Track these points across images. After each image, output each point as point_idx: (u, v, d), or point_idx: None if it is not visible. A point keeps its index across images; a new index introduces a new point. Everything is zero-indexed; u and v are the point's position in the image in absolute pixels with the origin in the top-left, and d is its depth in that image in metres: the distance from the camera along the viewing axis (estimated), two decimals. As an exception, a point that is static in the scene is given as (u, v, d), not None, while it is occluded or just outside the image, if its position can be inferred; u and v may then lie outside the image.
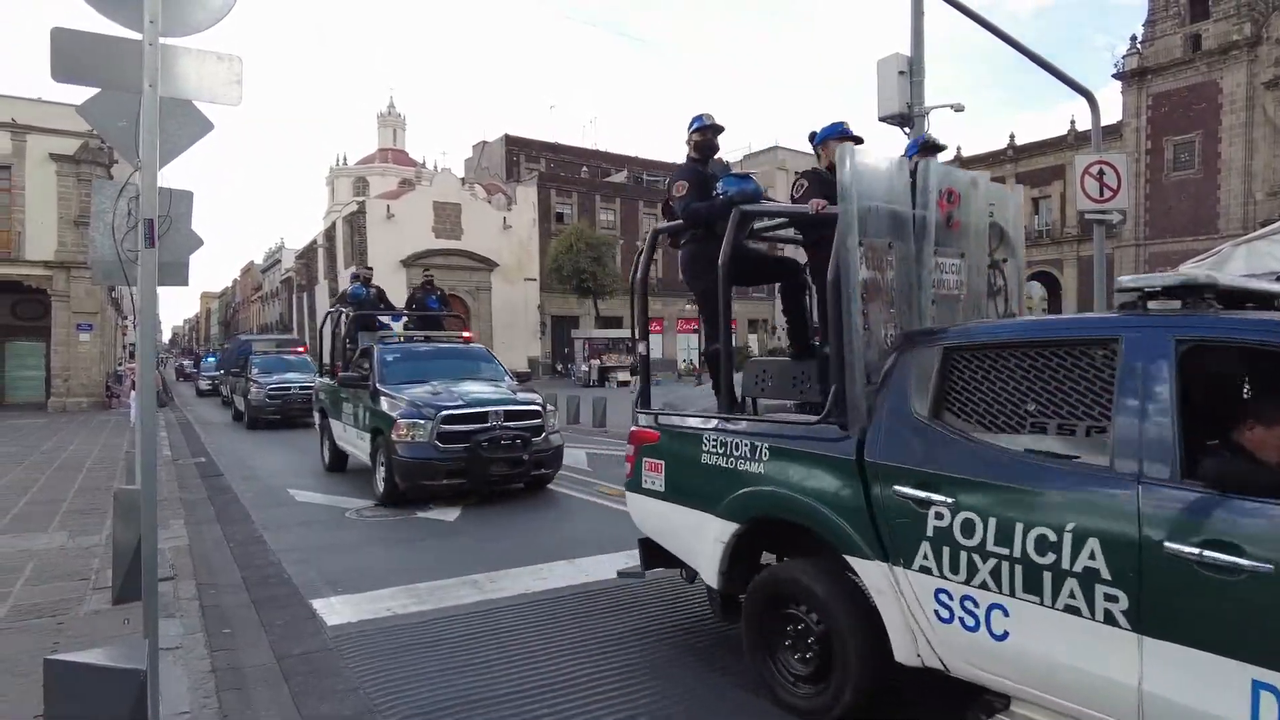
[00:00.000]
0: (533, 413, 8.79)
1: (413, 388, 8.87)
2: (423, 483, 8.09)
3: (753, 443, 3.63)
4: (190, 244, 4.19)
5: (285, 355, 21.48)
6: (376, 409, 8.74)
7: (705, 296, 4.43)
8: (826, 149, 4.34)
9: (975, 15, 10.08)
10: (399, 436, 8.11)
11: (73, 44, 2.87)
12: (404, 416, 8.22)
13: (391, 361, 9.54)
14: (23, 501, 8.59)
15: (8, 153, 23.64)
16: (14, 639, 4.31)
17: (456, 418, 8.28)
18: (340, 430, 10.31)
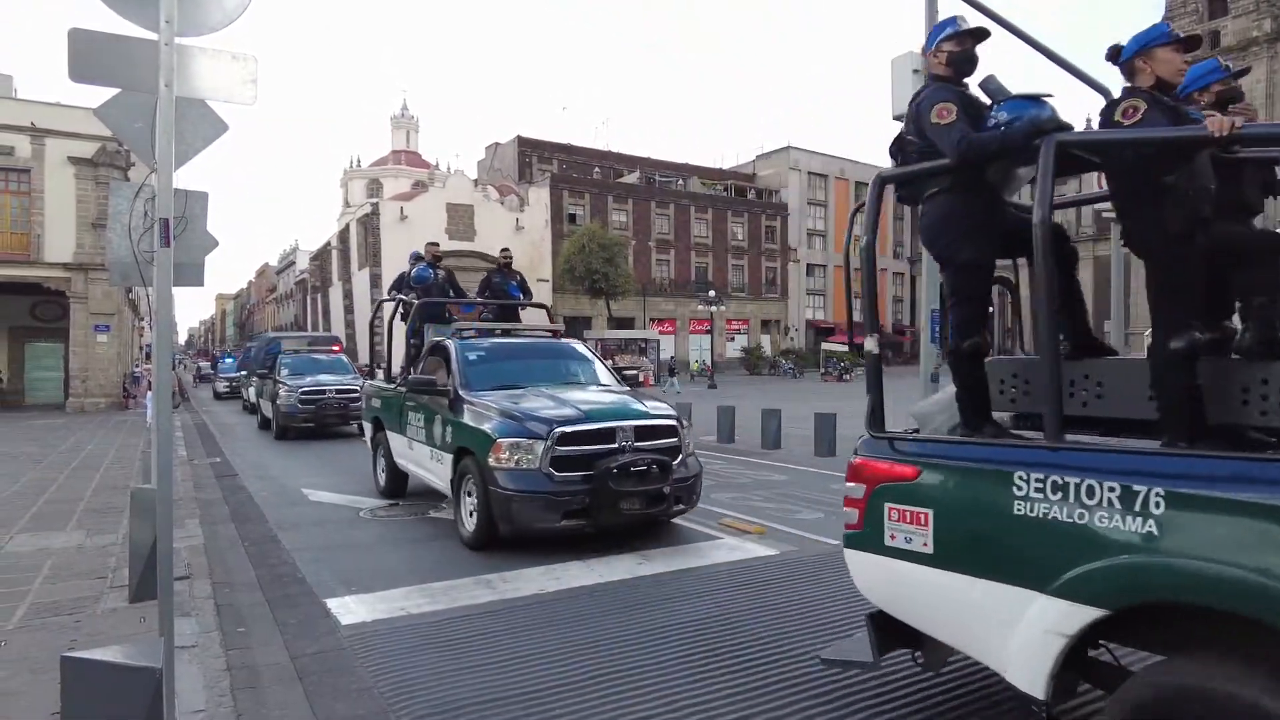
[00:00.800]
0: (669, 429, 6.71)
1: (508, 396, 6.90)
2: (534, 525, 6.08)
3: (1128, 486, 2.36)
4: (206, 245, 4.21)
5: (318, 355, 19.41)
6: (460, 422, 6.77)
7: (965, 272, 3.27)
8: (1153, 60, 2.98)
9: (991, 12, 10.01)
10: (499, 461, 6.09)
11: (90, 45, 2.88)
12: (505, 434, 6.16)
13: (475, 361, 7.53)
14: (41, 500, 8.67)
15: (27, 156, 23.92)
16: (32, 637, 4.34)
17: (575, 436, 6.21)
18: (402, 446, 8.34)
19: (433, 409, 7.41)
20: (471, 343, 7.96)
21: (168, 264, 3.11)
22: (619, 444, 6.29)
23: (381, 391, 9.35)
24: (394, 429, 8.60)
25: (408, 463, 8.33)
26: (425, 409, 7.63)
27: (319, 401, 15.88)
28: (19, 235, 24.07)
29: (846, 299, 6.08)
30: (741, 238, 57.82)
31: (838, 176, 63.75)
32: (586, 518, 6.07)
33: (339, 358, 19.39)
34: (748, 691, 3.65)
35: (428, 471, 7.65)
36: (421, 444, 7.72)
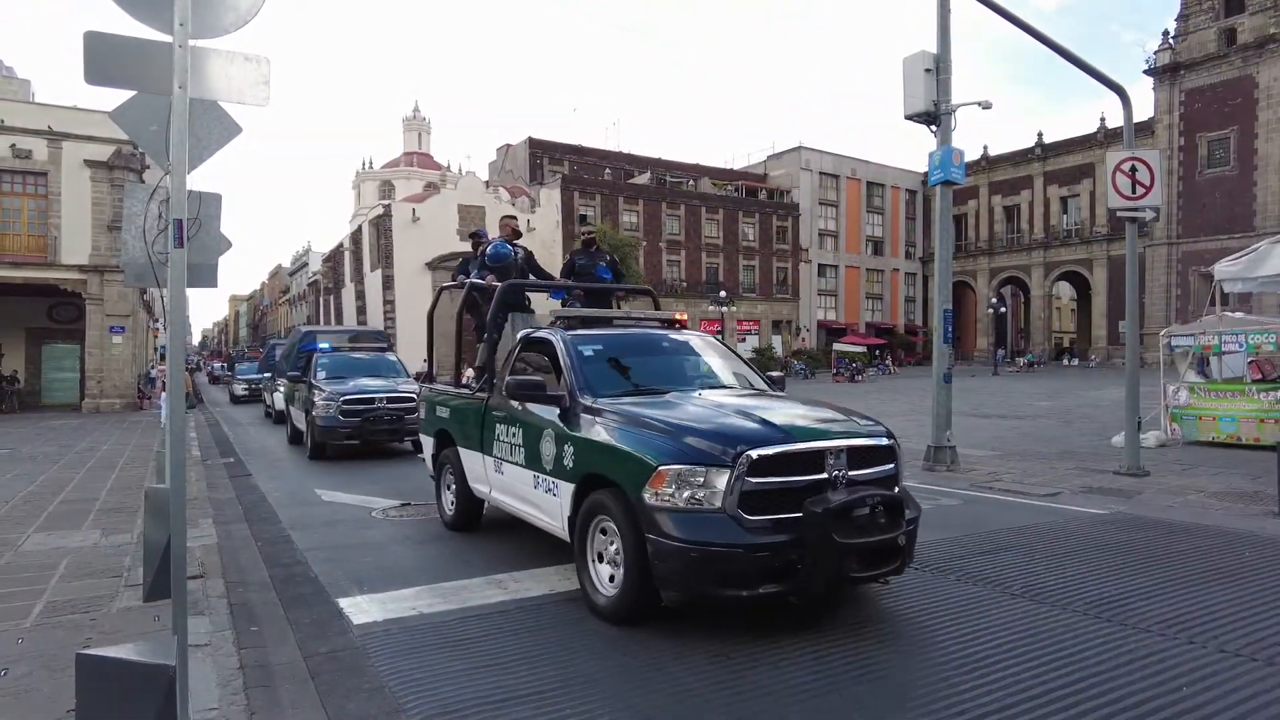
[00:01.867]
0: (886, 451, 4.88)
1: (651, 403, 5.12)
2: (718, 591, 4.27)
3: None
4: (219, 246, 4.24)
5: (362, 353, 15.96)
6: (587, 440, 4.97)
7: None
8: None
9: (1005, 11, 9.95)
10: (660, 498, 4.27)
11: (105, 47, 2.91)
12: (671, 458, 4.31)
13: (593, 358, 5.75)
14: (57, 500, 8.76)
15: (44, 159, 24.18)
16: (48, 634, 4.38)
17: (774, 463, 4.31)
18: (483, 468, 6.57)
19: (537, 421, 5.57)
20: (585, 334, 6.09)
21: (182, 265, 3.13)
22: (830, 473, 4.43)
23: (449, 399, 7.54)
24: (469, 445, 6.87)
25: (495, 491, 6.48)
26: (524, 421, 5.80)
27: (367, 412, 12.60)
28: (36, 237, 24.35)
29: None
30: (752, 238, 57.74)
31: (849, 176, 63.54)
32: (793, 582, 4.20)
33: (388, 357, 16.05)
34: (759, 689, 3.63)
35: (529, 505, 5.78)
36: (518, 467, 5.86)
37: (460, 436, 7.11)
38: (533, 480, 5.61)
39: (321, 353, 15.05)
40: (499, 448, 6.23)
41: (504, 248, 8.30)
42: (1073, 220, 57.27)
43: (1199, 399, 12.66)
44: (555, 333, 6.12)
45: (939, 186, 10.60)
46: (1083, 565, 5.73)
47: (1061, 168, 57.09)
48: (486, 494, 6.69)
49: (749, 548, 4.12)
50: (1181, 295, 46.33)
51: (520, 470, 5.84)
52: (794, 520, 4.20)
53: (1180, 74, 47.07)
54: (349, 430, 12.54)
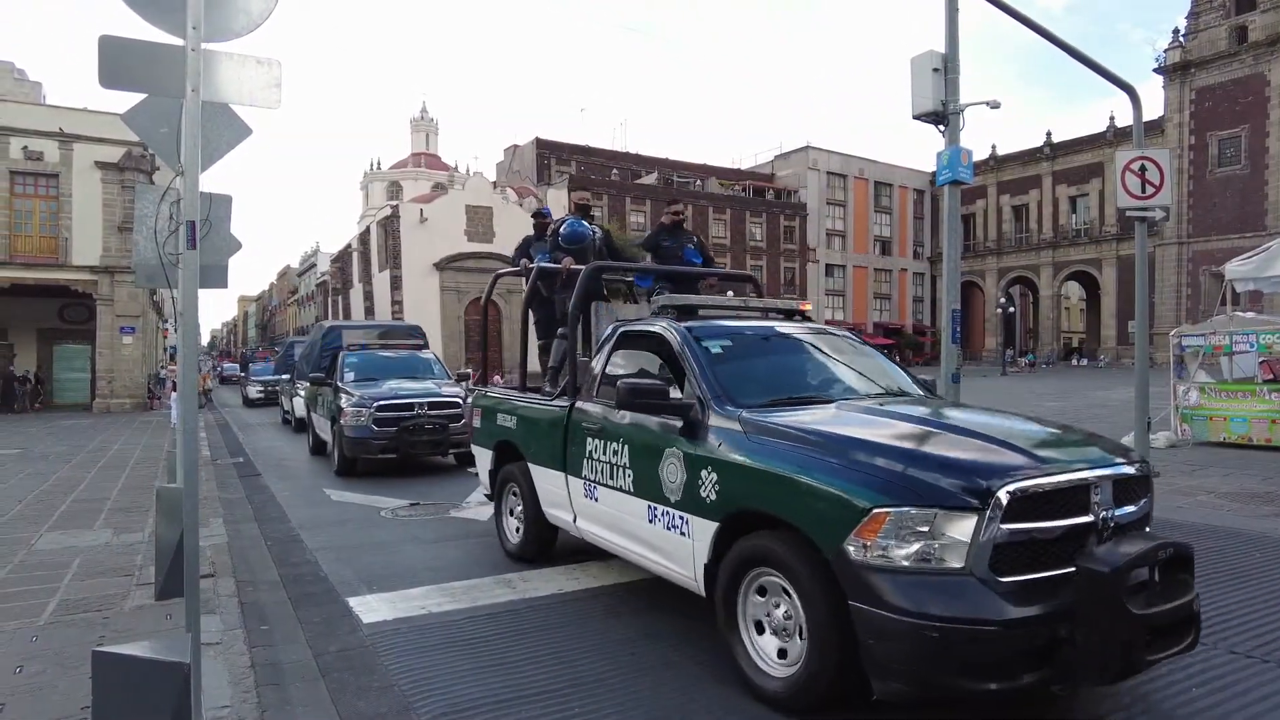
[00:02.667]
0: (1141, 483, 3.70)
1: (824, 418, 3.96)
2: (965, 684, 2.99)
3: None
4: (229, 247, 4.27)
5: (393, 351, 13.73)
6: (737, 464, 3.78)
7: None
8: None
9: (1014, 11, 9.92)
10: (870, 553, 3.12)
11: (119, 51, 2.94)
12: (891, 498, 3.14)
13: (723, 358, 4.56)
14: (69, 499, 8.83)
15: (56, 161, 24.36)
16: (62, 632, 4.42)
17: (1036, 502, 3.17)
18: (564, 493, 5.35)
19: (652, 438, 4.39)
20: (706, 327, 4.87)
21: (194, 266, 3.16)
22: (1095, 515, 3.26)
23: (515, 405, 6.26)
24: (544, 462, 5.62)
25: (583, 520, 5.20)
26: (631, 436, 4.59)
27: (405, 420, 10.72)
28: (48, 239, 24.53)
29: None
30: (760, 238, 57.71)
31: (857, 176, 63.44)
32: (1062, 669, 2.97)
33: (424, 355, 13.86)
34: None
35: (639, 543, 4.55)
36: (622, 494, 4.62)
37: (531, 451, 5.83)
38: (646, 512, 4.36)
39: (349, 351, 12.94)
40: (591, 467, 4.95)
41: (581, 225, 7.06)
42: (1082, 220, 57.05)
43: (1210, 399, 12.59)
44: (668, 325, 4.85)
45: (947, 186, 10.57)
46: (1092, 566, 5.71)
47: (1070, 167, 56.87)
48: (568, 522, 5.41)
49: (1007, 623, 2.91)
50: (1192, 295, 46.08)
51: (626, 499, 4.57)
52: (1061, 580, 3.05)
53: (1191, 72, 46.81)
54: (384, 442, 10.59)
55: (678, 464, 4.11)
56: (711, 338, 4.72)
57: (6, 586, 5.36)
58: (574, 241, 6.96)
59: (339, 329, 15.62)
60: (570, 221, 7.06)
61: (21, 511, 8.12)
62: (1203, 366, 13.24)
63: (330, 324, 17.72)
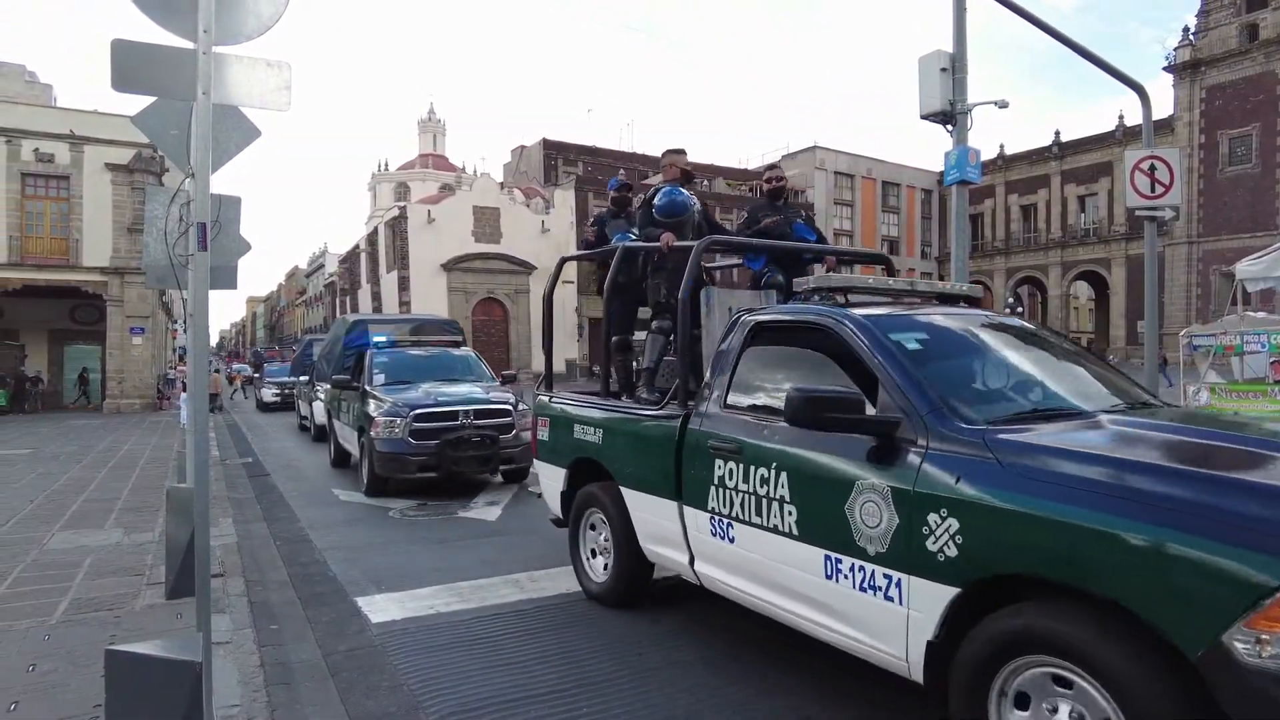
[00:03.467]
0: None
1: (1105, 441, 2.93)
2: None
3: None
4: (239, 248, 4.30)
5: (428, 348, 11.84)
6: (1002, 509, 2.63)
7: None
8: None
9: (1023, 10, 9.90)
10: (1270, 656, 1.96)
11: (131, 54, 2.96)
12: None
13: (924, 357, 3.44)
14: (81, 499, 8.89)
15: (66, 163, 24.53)
16: (74, 631, 4.46)
17: None
18: (689, 527, 4.17)
19: (830, 465, 3.28)
20: (890, 317, 3.72)
21: (205, 267, 3.18)
22: None
23: (600, 415, 5.13)
24: (646, 488, 4.50)
25: (708, 564, 4.06)
26: (793, 462, 3.46)
27: (448, 431, 8.97)
28: (59, 240, 24.70)
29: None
30: (767, 238, 57.59)
31: (864, 176, 63.29)
32: None
33: (464, 353, 11.96)
34: (776, 690, 3.64)
35: (809, 604, 3.42)
36: (780, 537, 3.49)
37: (626, 472, 4.73)
38: (822, 565, 3.24)
39: (377, 349, 11.07)
40: (723, 499, 3.80)
41: (681, 193, 5.80)
42: (1090, 219, 56.76)
43: (1220, 399, 12.52)
44: (834, 313, 3.65)
45: (955, 186, 10.55)
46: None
47: (1079, 166, 56.57)
48: (679, 564, 4.31)
49: None
50: (1202, 295, 45.81)
51: (785, 544, 3.44)
52: None
53: (1201, 70, 46.53)
54: (424, 458, 8.80)
55: (881, 503, 2.99)
56: (902, 330, 3.55)
57: (20, 585, 5.41)
58: (673, 214, 5.69)
59: (364, 323, 13.17)
60: (667, 190, 5.75)
61: (34, 511, 8.18)
62: (1213, 366, 13.17)
63: (354, 318, 14.59)
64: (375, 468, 9.01)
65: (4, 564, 5.97)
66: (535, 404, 6.04)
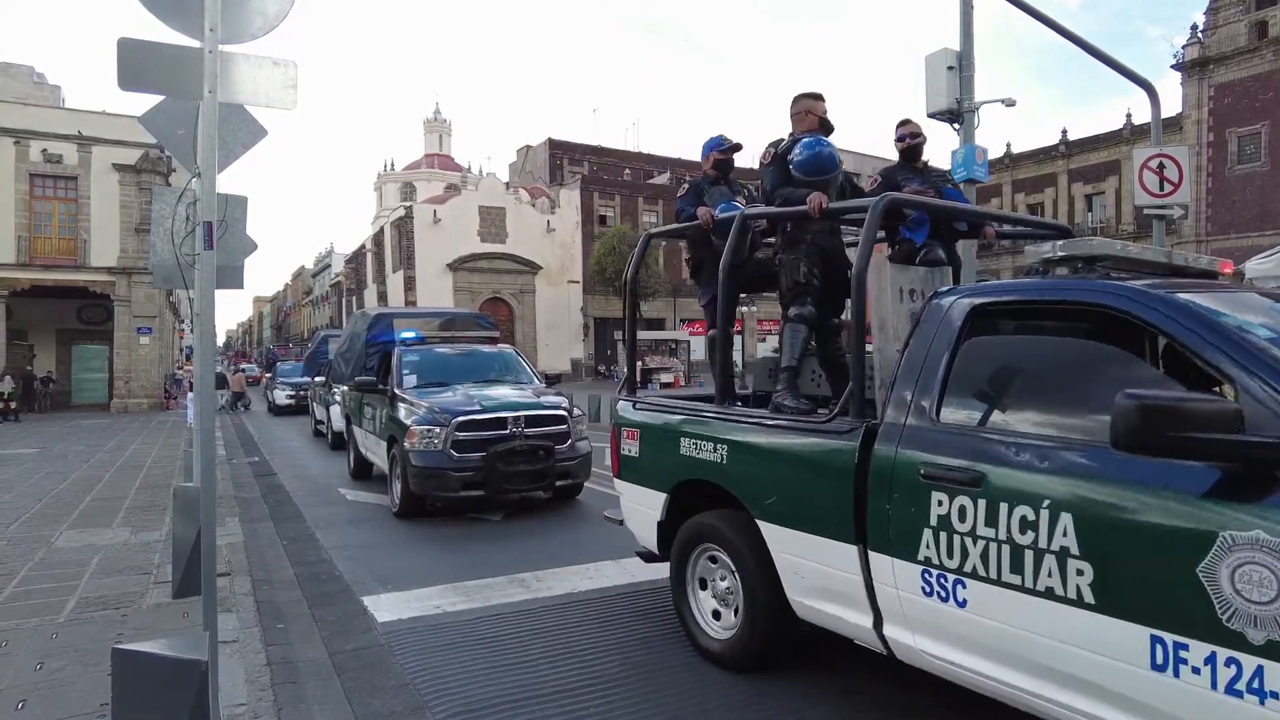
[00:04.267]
0: None
1: None
2: None
3: None
4: (245, 248, 4.31)
5: (460, 347, 10.24)
6: None
7: None
8: None
9: (1031, 8, 9.86)
10: None
11: (138, 53, 2.96)
12: None
13: None
14: (88, 498, 8.92)
15: (74, 164, 24.64)
16: (82, 630, 4.47)
17: None
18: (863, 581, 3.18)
19: (1164, 509, 2.25)
20: (1226, 298, 2.69)
21: (211, 267, 3.18)
22: None
23: (725, 426, 4.09)
24: (809, 526, 3.45)
25: (932, 638, 2.96)
26: (1082, 503, 2.44)
27: (496, 442, 7.67)
28: (67, 240, 24.81)
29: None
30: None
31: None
32: None
33: (503, 351, 10.35)
34: (783, 691, 3.62)
35: (1126, 710, 2.31)
36: (1058, 605, 2.46)
37: (769, 503, 3.68)
38: (1148, 650, 2.25)
39: (405, 346, 9.62)
40: (948, 546, 2.78)
41: (826, 145, 4.66)
42: (1098, 218, 56.53)
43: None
44: (1155, 295, 2.59)
45: (962, 184, 10.52)
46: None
47: (1086, 165, 56.38)
48: (858, 627, 3.27)
49: None
50: (1210, 294, 45.54)
51: (1069, 615, 2.43)
52: None
53: (1209, 68, 46.31)
54: (468, 474, 7.50)
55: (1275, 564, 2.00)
56: (1250, 313, 2.58)
57: (28, 584, 5.43)
58: (820, 170, 4.50)
59: (388, 317, 11.61)
60: (809, 142, 4.54)
61: (42, 510, 8.21)
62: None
63: (377, 311, 12.62)
64: (410, 485, 7.66)
65: (12, 563, 5.99)
66: (618, 412, 5.05)
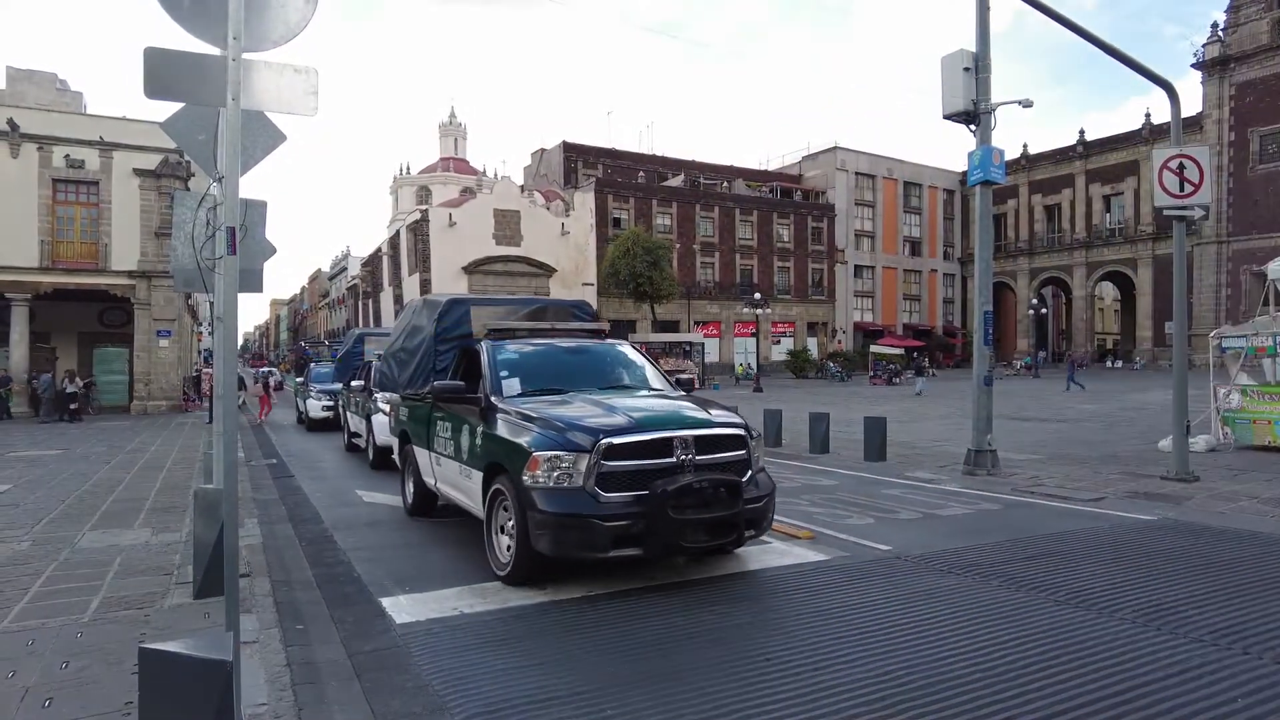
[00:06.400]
0: None
1: None
2: None
3: None
4: (265, 251, 4.36)
5: (568, 343, 7.61)
6: None
7: None
8: None
9: (1047, 8, 9.80)
10: None
11: (163, 62, 3.01)
12: None
13: None
14: (110, 499, 9.03)
15: (96, 169, 24.95)
16: (105, 629, 4.52)
17: None
18: None
19: None
20: None
21: (234, 271, 3.22)
22: None
23: None
24: None
25: None
26: None
27: (660, 476, 5.28)
28: (89, 244, 25.12)
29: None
30: (787, 239, 57.37)
31: (886, 176, 62.86)
32: None
33: (618, 348, 7.84)
34: (796, 696, 3.62)
35: None
36: None
37: None
38: None
39: (494, 342, 7.15)
40: None
41: None
42: (1116, 219, 56.01)
43: (1253, 402, 12.29)
44: None
45: (978, 186, 10.46)
46: (1131, 572, 5.61)
47: (1104, 165, 55.86)
48: None
49: None
50: (1232, 295, 45.02)
51: None
52: None
53: (1231, 67, 45.78)
54: (624, 523, 5.16)
55: None
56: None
57: (53, 584, 5.50)
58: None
59: (464, 304, 8.06)
60: None
61: (65, 511, 8.32)
62: (1245, 368, 12.94)
63: (450, 296, 8.59)
64: (534, 540, 5.20)
65: (38, 563, 6.08)
66: None
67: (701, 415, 5.90)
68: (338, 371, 19.19)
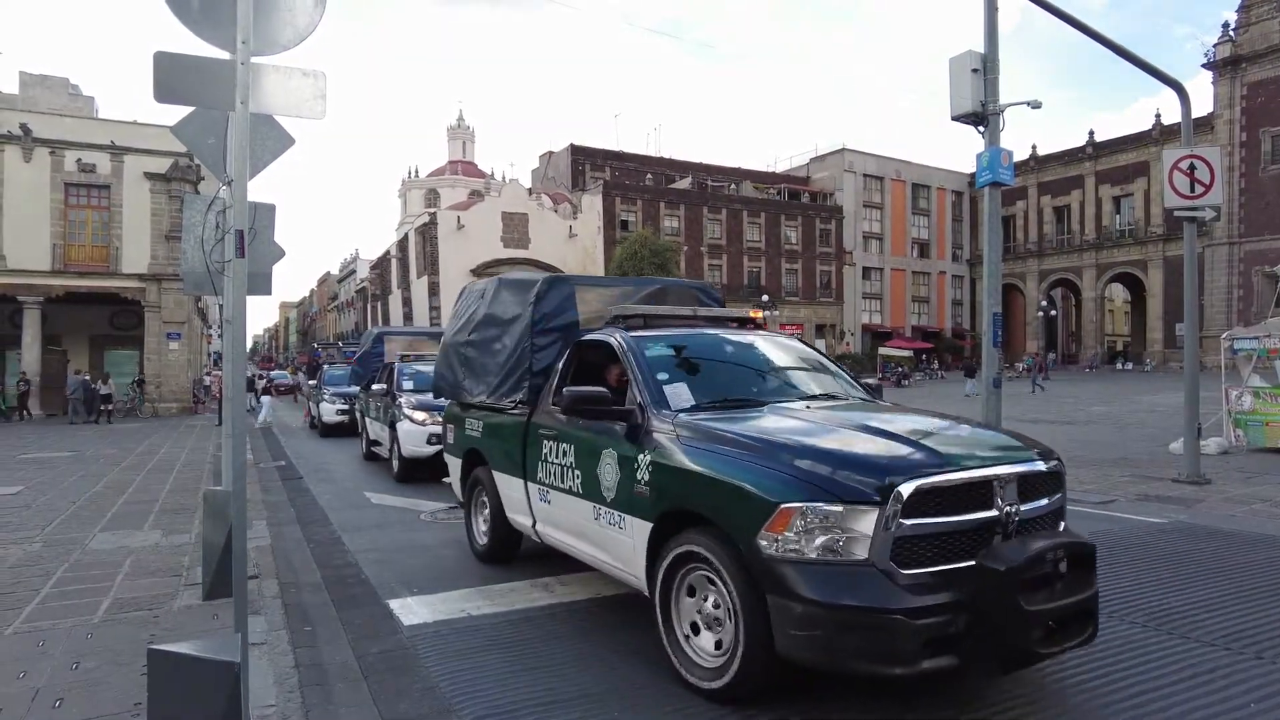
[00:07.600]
0: None
1: None
2: None
3: None
4: (273, 255, 4.37)
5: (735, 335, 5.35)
6: None
7: None
8: None
9: (1056, 9, 9.76)
10: None
11: (172, 66, 3.02)
12: None
13: None
14: (120, 501, 9.08)
15: (107, 173, 25.15)
16: (115, 630, 4.55)
17: None
18: None
19: None
20: None
21: (243, 274, 3.23)
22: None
23: None
24: None
25: None
26: None
27: (980, 543, 3.28)
28: (100, 248, 25.33)
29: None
30: (795, 241, 57.32)
31: (894, 178, 62.74)
32: None
33: (787, 340, 5.85)
34: (805, 695, 3.60)
35: None
36: None
37: None
38: None
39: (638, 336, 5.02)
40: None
41: None
42: (1126, 220, 55.73)
43: (1265, 404, 12.20)
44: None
45: (987, 188, 10.41)
46: (1141, 575, 5.56)
47: (1114, 166, 55.62)
48: None
49: None
50: (1243, 296, 44.72)
51: None
52: None
53: (1241, 67, 45.51)
54: (938, 621, 3.06)
55: None
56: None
57: (64, 585, 5.53)
58: None
59: (567, 285, 6.16)
60: None
61: (75, 512, 8.37)
62: (1257, 370, 12.85)
63: (549, 277, 6.27)
64: (787, 642, 3.26)
65: (49, 564, 6.12)
66: None
67: (1013, 441, 4.04)
68: (355, 374, 17.73)
